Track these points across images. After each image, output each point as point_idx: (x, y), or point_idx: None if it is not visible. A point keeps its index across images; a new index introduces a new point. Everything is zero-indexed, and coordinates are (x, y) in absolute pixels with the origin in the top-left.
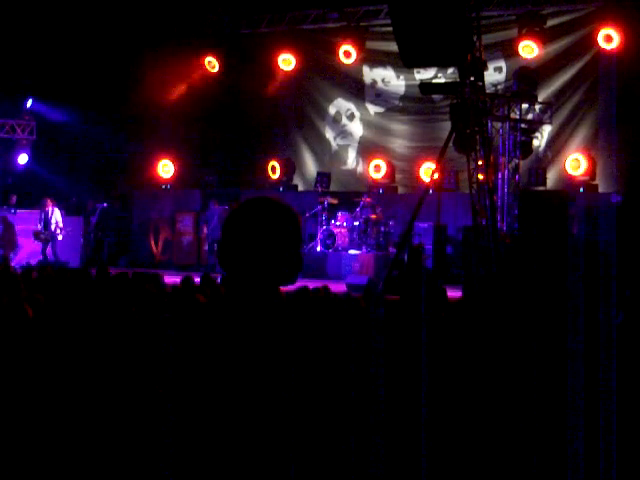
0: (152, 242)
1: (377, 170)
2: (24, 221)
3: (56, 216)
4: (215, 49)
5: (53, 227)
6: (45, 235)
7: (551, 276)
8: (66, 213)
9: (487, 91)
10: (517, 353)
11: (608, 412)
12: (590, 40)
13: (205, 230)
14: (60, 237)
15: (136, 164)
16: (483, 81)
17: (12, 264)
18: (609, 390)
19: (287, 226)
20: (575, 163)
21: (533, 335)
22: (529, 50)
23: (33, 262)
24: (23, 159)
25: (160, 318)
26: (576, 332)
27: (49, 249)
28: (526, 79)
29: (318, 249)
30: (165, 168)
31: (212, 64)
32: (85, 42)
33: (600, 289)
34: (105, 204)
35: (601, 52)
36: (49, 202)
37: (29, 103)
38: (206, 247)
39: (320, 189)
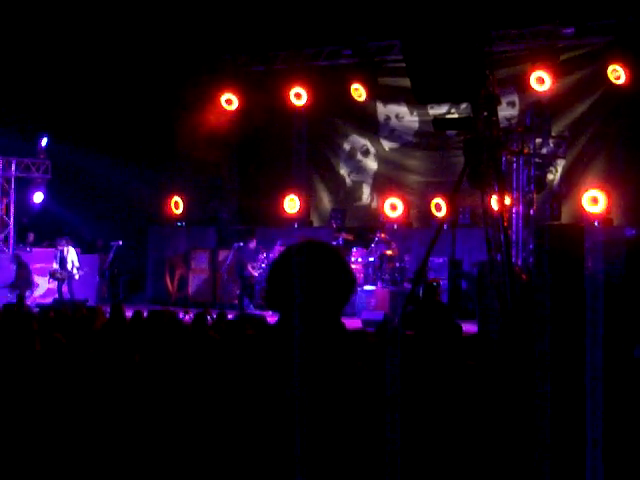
0: (168, 279)
1: (393, 209)
2: (40, 259)
3: (72, 255)
4: (231, 86)
5: (70, 266)
6: (61, 274)
7: (568, 310)
8: (81, 251)
9: (501, 126)
10: (533, 389)
11: (632, 454)
12: (603, 74)
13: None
14: (77, 276)
15: (150, 201)
16: (497, 116)
17: (27, 302)
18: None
19: (338, 263)
20: (592, 199)
21: (550, 370)
22: (541, 84)
23: (48, 301)
24: (38, 197)
25: (174, 356)
26: (594, 368)
27: (65, 287)
28: (539, 113)
29: None
30: (176, 205)
31: (229, 101)
32: (99, 82)
33: (616, 322)
34: (120, 242)
35: (612, 87)
36: (64, 241)
37: (44, 142)
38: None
39: (335, 225)
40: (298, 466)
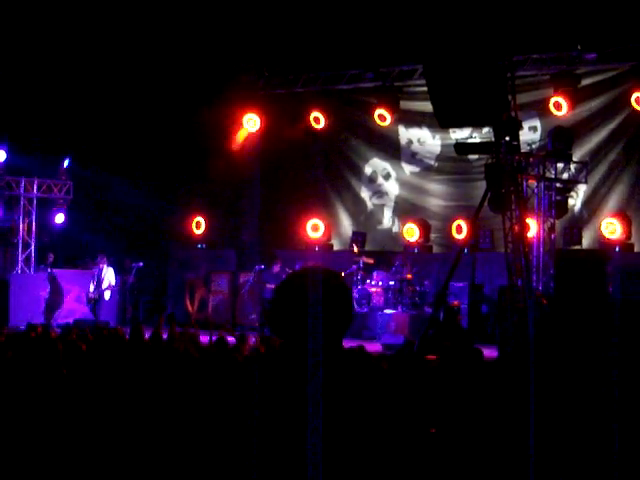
0: (187, 301)
1: (413, 233)
2: (61, 280)
3: (109, 274)
4: (253, 107)
5: (105, 285)
6: (94, 295)
7: (589, 336)
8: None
9: (522, 150)
10: (554, 414)
11: None
12: (625, 99)
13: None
14: (107, 296)
15: (171, 222)
16: (518, 140)
17: (52, 322)
18: None
19: (339, 290)
20: (611, 227)
21: (571, 396)
22: (559, 109)
23: (69, 320)
24: (60, 218)
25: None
26: (612, 396)
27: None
28: (561, 138)
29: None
30: (197, 225)
31: (251, 122)
32: (121, 103)
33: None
34: (141, 263)
35: (635, 112)
36: (104, 259)
37: (66, 163)
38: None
39: (356, 249)
40: None
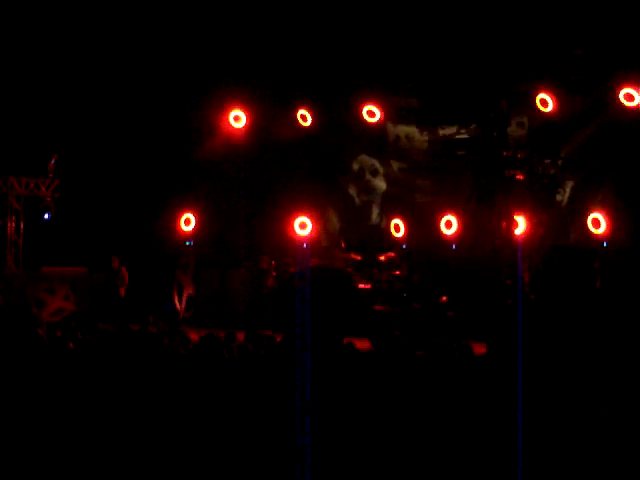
0: (176, 299)
1: (401, 229)
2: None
3: (122, 276)
4: (239, 103)
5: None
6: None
7: (576, 331)
8: (89, 271)
9: (509, 146)
10: (541, 409)
11: None
12: (613, 96)
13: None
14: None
15: (160, 219)
16: (505, 136)
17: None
18: None
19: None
20: (597, 222)
21: (558, 390)
22: (545, 106)
23: (56, 319)
24: (47, 216)
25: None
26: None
27: None
28: (548, 134)
29: None
30: (187, 222)
31: (237, 118)
32: (108, 100)
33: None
34: (128, 261)
35: (622, 108)
36: (116, 260)
37: (53, 161)
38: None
39: (343, 245)
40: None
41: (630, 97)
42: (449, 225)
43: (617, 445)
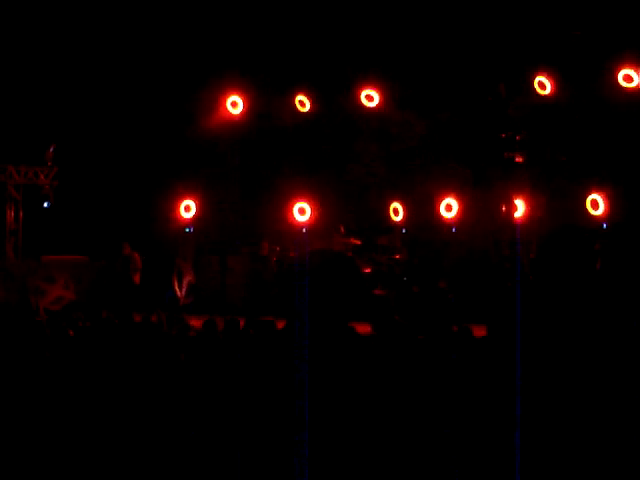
0: (176, 285)
1: (401, 213)
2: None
3: (135, 261)
4: (237, 89)
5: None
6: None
7: (575, 314)
8: (90, 259)
9: (508, 129)
10: (544, 390)
11: None
12: (611, 76)
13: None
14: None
15: (160, 206)
16: (504, 120)
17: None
18: None
19: (346, 270)
20: (596, 203)
21: (559, 371)
22: (543, 89)
23: (56, 308)
24: (46, 205)
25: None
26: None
27: None
28: (547, 116)
29: None
30: (187, 208)
31: (234, 104)
32: (104, 89)
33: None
34: (129, 248)
35: (620, 89)
36: (127, 246)
37: (52, 149)
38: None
39: (343, 230)
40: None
41: (629, 78)
42: (449, 208)
43: (616, 428)
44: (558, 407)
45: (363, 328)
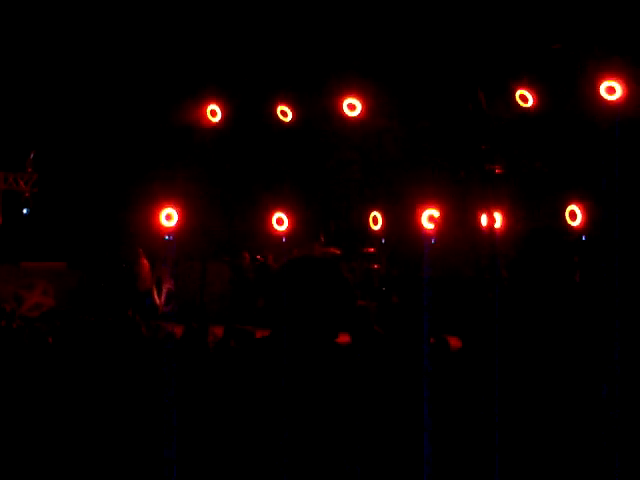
0: (155, 293)
1: (380, 223)
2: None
3: (144, 269)
4: (215, 97)
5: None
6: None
7: (555, 324)
8: (68, 266)
9: (489, 138)
10: (522, 404)
11: None
12: (590, 89)
13: None
14: None
15: (140, 213)
16: (486, 128)
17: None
18: None
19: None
20: (572, 214)
21: (538, 384)
22: (527, 101)
23: (35, 314)
24: (26, 211)
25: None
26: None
27: None
28: (527, 125)
29: None
30: (168, 217)
31: (213, 112)
32: (90, 94)
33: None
34: (108, 255)
35: (601, 101)
36: (140, 252)
37: (32, 156)
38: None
39: (322, 239)
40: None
41: (611, 90)
42: (430, 219)
43: (594, 434)
44: (536, 417)
45: (342, 338)
